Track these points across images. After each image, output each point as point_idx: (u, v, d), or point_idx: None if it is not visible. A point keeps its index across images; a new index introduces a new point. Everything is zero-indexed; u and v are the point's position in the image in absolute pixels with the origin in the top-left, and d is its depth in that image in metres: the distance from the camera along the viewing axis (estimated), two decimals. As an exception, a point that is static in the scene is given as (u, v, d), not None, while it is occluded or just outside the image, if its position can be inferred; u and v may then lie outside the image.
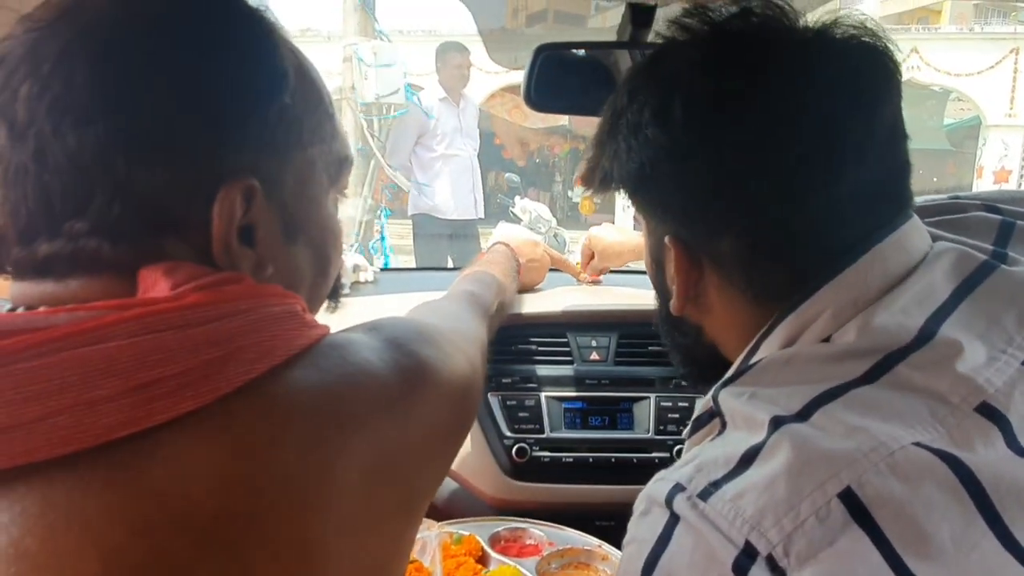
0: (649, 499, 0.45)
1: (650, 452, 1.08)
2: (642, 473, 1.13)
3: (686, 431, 0.53)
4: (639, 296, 1.37)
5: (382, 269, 1.53)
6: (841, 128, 0.47)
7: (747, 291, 0.51)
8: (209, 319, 0.39)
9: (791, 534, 0.38)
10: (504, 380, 1.12)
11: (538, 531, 0.98)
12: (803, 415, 0.42)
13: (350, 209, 5.01)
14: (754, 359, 0.50)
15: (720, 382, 0.49)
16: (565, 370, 1.14)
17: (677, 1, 0.88)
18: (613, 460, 1.08)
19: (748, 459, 0.42)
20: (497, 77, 9.98)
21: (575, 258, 1.49)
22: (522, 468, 1.07)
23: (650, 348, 1.17)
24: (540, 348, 1.16)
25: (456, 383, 0.52)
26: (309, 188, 0.49)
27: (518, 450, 1.06)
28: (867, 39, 0.49)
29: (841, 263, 0.47)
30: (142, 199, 0.41)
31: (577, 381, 1.13)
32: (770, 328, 0.50)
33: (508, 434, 1.08)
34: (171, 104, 0.41)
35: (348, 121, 5.01)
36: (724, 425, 0.47)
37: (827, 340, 0.47)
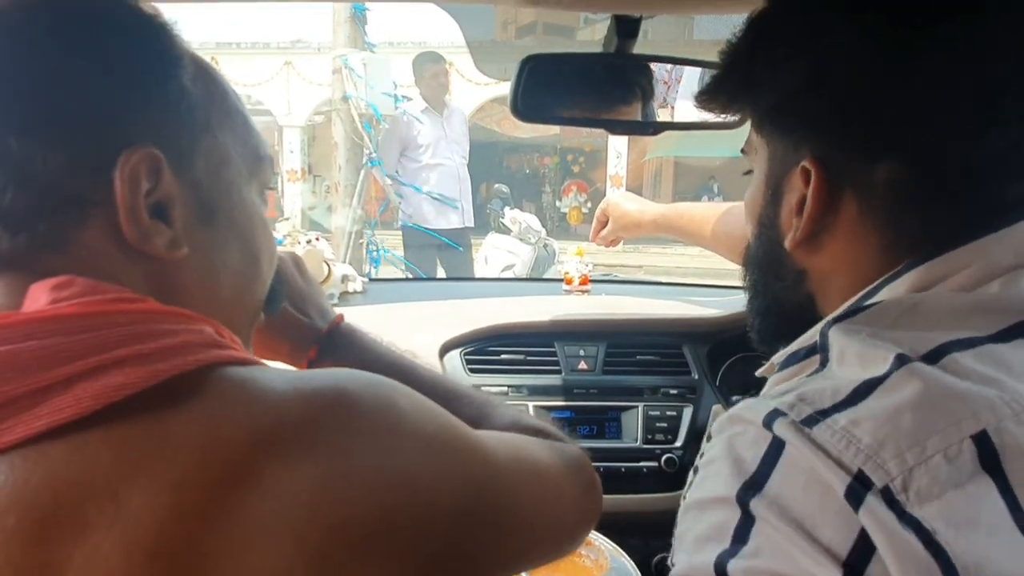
0: (739, 419, 0.42)
1: (638, 461, 1.08)
2: (630, 483, 1.14)
3: (778, 360, 0.49)
4: (628, 305, 1.38)
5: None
6: None
7: (885, 232, 0.47)
8: (74, 331, 0.36)
9: (913, 469, 0.35)
10: (492, 389, 1.12)
11: None
12: (931, 358, 0.39)
13: (340, 220, 4.99)
14: (871, 301, 0.46)
15: (831, 318, 0.46)
16: (553, 379, 1.14)
17: (662, 13, 0.89)
18: (601, 470, 1.06)
19: (863, 392, 0.39)
20: (487, 88, 10.02)
21: (564, 268, 1.50)
22: (510, 478, 1.06)
23: (638, 357, 1.17)
24: (528, 357, 1.16)
25: (403, 440, 0.41)
26: (224, 172, 0.48)
27: (506, 460, 1.06)
28: None
29: (1006, 218, 0.43)
30: (41, 182, 0.40)
31: (565, 390, 1.13)
32: (899, 272, 0.46)
33: (496, 444, 1.07)
34: (61, 84, 0.41)
35: (338, 132, 5.01)
36: (825, 362, 0.43)
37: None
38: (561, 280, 1.49)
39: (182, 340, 0.39)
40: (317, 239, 1.34)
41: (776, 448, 0.39)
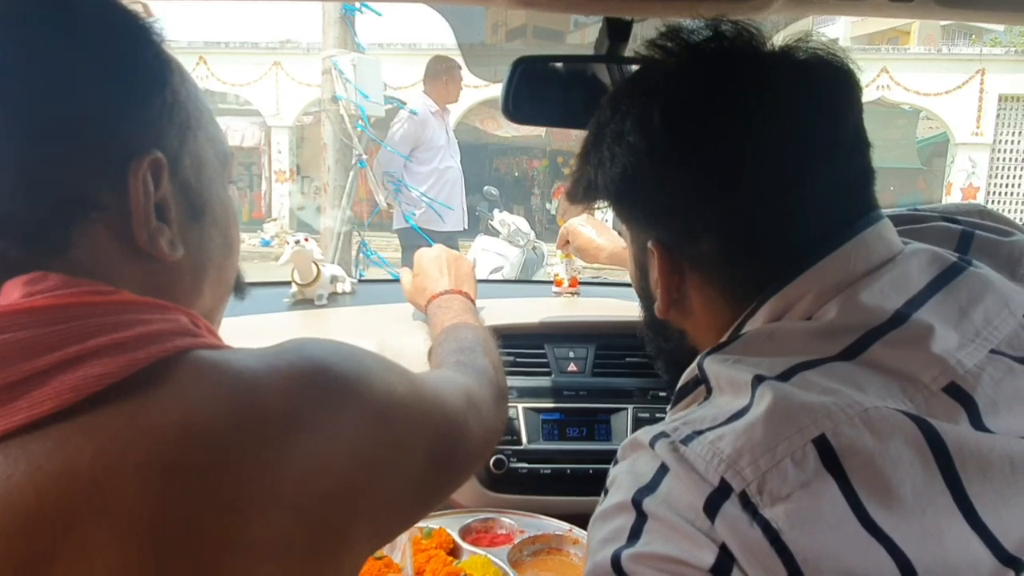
0: (637, 443, 0.47)
1: (627, 463, 1.08)
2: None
3: (669, 406, 0.54)
4: (617, 307, 1.38)
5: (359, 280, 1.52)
6: (807, 135, 0.51)
7: (725, 290, 0.54)
8: (50, 322, 0.36)
9: (766, 473, 0.40)
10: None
11: (508, 520, 0.99)
12: (783, 377, 0.45)
13: (329, 221, 4.97)
14: (739, 333, 0.52)
15: (705, 352, 0.51)
16: (542, 381, 1.14)
17: (653, 16, 0.90)
18: (591, 471, 1.08)
19: (735, 417, 0.44)
20: (477, 91, 10.02)
21: (554, 271, 1.50)
22: (500, 479, 1.06)
23: (628, 359, 1.17)
24: (517, 359, 1.16)
25: (380, 398, 0.44)
26: (206, 168, 0.50)
27: (496, 461, 1.06)
28: (827, 57, 0.52)
29: (819, 252, 0.50)
30: (54, 190, 0.40)
31: (554, 392, 1.13)
32: (755, 309, 0.52)
33: (486, 446, 1.07)
34: (71, 92, 0.41)
35: (327, 133, 4.98)
36: (709, 391, 0.49)
37: (809, 319, 0.49)
38: (550, 282, 1.49)
39: (157, 328, 0.39)
40: (306, 240, 1.34)
41: (665, 465, 0.44)
